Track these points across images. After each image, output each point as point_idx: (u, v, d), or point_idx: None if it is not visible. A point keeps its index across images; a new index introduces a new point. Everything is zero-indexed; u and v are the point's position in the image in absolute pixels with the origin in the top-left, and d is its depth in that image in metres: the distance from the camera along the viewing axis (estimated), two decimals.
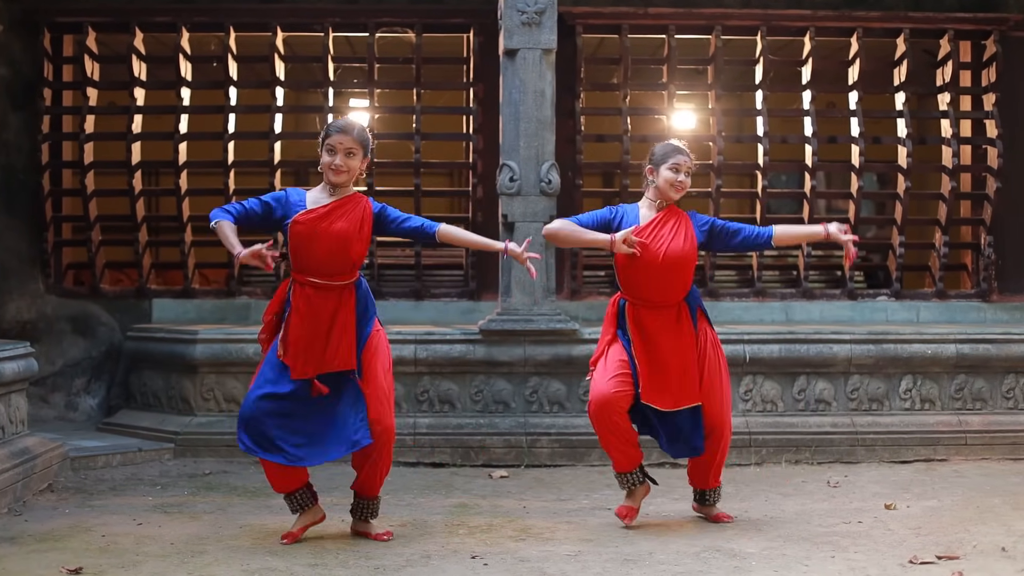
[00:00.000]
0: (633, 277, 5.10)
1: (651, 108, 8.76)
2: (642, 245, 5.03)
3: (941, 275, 8.57)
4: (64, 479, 6.21)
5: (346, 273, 4.84)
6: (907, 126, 8.47)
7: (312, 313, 4.78)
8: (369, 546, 4.81)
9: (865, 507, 5.64)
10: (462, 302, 8.35)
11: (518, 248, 5.01)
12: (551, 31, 7.05)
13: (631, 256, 5.03)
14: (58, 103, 8.45)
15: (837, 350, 7.14)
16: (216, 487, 6.12)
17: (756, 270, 8.50)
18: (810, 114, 8.51)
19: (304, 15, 8.41)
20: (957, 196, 8.62)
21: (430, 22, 8.40)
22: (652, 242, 5.06)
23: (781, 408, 7.13)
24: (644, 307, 5.11)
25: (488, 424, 6.97)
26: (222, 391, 7.07)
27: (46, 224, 8.30)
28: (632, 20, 8.38)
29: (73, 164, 8.40)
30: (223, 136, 8.36)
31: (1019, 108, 8.56)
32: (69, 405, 8.15)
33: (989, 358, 7.22)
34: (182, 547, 4.73)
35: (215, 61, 8.54)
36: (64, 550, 4.67)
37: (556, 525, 5.22)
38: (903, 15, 8.52)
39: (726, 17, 8.46)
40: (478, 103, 8.37)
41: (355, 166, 4.86)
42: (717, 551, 4.72)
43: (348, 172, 4.84)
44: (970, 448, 7.08)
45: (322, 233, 4.77)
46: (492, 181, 7.44)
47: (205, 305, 8.32)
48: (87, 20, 8.28)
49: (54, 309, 8.28)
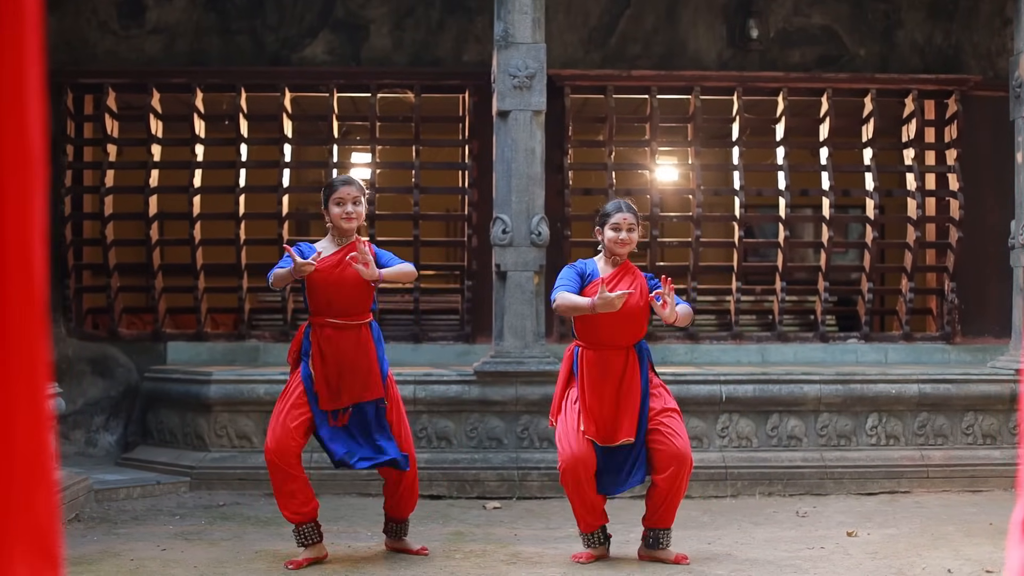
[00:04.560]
0: (592, 322, 5.26)
1: (635, 163, 9.24)
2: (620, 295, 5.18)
3: (907, 319, 9.03)
4: (90, 510, 6.65)
5: (363, 312, 5.38)
6: (875, 179, 8.98)
7: (334, 352, 5.29)
8: (374, 568, 5.28)
9: (829, 535, 6.07)
10: (458, 345, 8.76)
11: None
12: (540, 93, 7.43)
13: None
14: (80, 158, 8.89)
15: (808, 390, 7.58)
16: (231, 517, 6.58)
17: (734, 315, 8.98)
18: (784, 168, 8.98)
19: (310, 76, 8.85)
20: (922, 245, 9.10)
21: (428, 83, 8.84)
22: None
23: (755, 444, 7.55)
24: (597, 349, 5.31)
25: (482, 459, 7.38)
26: (234, 428, 7.51)
27: (68, 271, 8.71)
28: (617, 82, 8.82)
29: (94, 215, 8.81)
30: (234, 189, 8.78)
31: (979, 162, 9.04)
32: (89, 442, 8.58)
33: (950, 397, 7.67)
34: (205, 569, 5.20)
35: (227, 119, 8.95)
36: (98, 572, 5.14)
37: (545, 551, 5.66)
38: (870, 76, 9.00)
39: (704, 79, 8.90)
40: (473, 159, 8.78)
41: (362, 212, 5.41)
42: (689, 573, 5.20)
43: (358, 218, 5.38)
44: (931, 481, 7.51)
45: (339, 277, 5.29)
46: (486, 232, 7.81)
47: (217, 348, 8.75)
48: (107, 81, 8.72)
49: (75, 351, 8.70)
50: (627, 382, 5.31)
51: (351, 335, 5.33)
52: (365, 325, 5.38)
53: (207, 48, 8.91)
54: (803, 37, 9.18)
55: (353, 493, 7.15)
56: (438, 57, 8.99)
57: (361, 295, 5.34)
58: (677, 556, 5.39)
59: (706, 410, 7.49)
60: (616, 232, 5.38)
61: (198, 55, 8.90)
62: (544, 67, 7.48)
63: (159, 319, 8.82)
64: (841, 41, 9.20)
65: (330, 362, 5.28)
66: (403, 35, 8.98)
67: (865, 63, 9.17)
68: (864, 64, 9.17)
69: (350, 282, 5.28)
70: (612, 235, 5.38)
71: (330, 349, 5.29)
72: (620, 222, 5.38)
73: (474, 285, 8.78)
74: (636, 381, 5.32)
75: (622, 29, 9.06)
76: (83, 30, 8.86)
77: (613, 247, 5.39)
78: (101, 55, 8.87)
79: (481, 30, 8.82)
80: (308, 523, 5.34)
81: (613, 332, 5.31)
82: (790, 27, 9.16)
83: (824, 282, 9.01)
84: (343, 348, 5.30)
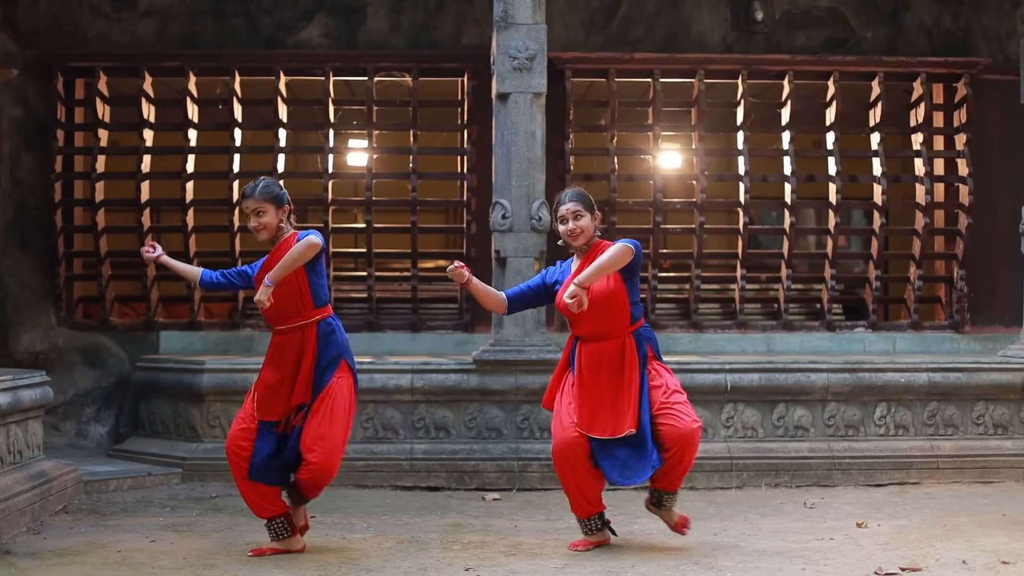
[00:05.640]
0: (572, 317, 5.21)
1: (637, 148, 9.09)
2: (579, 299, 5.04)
3: (916, 307, 8.90)
4: (78, 501, 6.49)
5: (301, 313, 5.18)
6: (882, 165, 8.83)
7: (281, 357, 5.17)
8: (370, 559, 5.11)
9: (838, 526, 5.92)
10: (457, 334, 8.63)
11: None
12: (541, 76, 7.30)
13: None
14: (70, 144, 8.75)
15: (815, 379, 7.42)
16: (223, 509, 6.41)
17: (738, 303, 8.83)
18: (789, 153, 8.83)
19: (306, 60, 8.72)
20: (931, 232, 8.96)
21: (426, 66, 8.71)
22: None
23: (761, 434, 7.40)
24: (589, 342, 5.23)
25: (481, 450, 7.24)
26: (227, 418, 7.31)
27: (58, 259, 8.59)
28: (619, 65, 8.70)
29: (84, 202, 8.69)
30: (228, 175, 8.64)
31: (989, 147, 8.90)
32: (80, 433, 8.44)
33: (960, 386, 7.51)
34: (194, 561, 5.04)
35: (220, 104, 8.82)
36: (84, 564, 4.98)
37: (545, 542, 5.51)
38: (878, 59, 8.88)
39: (709, 62, 8.78)
40: (472, 144, 8.66)
41: (266, 222, 5.21)
42: (696, 564, 5.03)
43: (266, 228, 5.21)
44: (942, 472, 7.36)
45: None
46: (486, 218, 7.67)
47: (210, 337, 8.61)
48: (98, 65, 8.58)
49: (65, 341, 8.57)
50: (627, 373, 5.18)
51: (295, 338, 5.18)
52: (310, 326, 5.20)
53: (200, 31, 8.76)
54: (809, 19, 9.02)
55: (349, 485, 6.98)
56: (436, 40, 8.83)
57: (293, 291, 5.16)
58: (679, 520, 5.36)
59: (711, 399, 7.32)
60: (563, 224, 5.27)
61: (191, 38, 8.74)
62: (545, 48, 7.35)
63: (151, 308, 8.68)
64: (848, 24, 9.04)
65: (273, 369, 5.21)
66: (401, 17, 8.82)
67: (872, 46, 9.03)
68: (871, 47, 9.03)
69: (276, 291, 5.09)
70: (561, 228, 5.28)
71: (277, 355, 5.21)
72: (564, 213, 5.26)
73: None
74: (635, 371, 5.19)
75: (624, 11, 8.91)
76: (74, 13, 8.71)
77: (567, 239, 5.28)
78: (92, 38, 8.72)
79: (480, 12, 8.66)
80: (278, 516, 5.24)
81: (592, 323, 5.20)
82: (796, 9, 9.01)
83: (831, 269, 8.85)
84: (287, 354, 5.18)
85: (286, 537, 5.22)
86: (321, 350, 5.17)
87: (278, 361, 5.19)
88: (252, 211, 5.21)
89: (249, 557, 5.13)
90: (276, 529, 5.23)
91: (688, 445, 5.15)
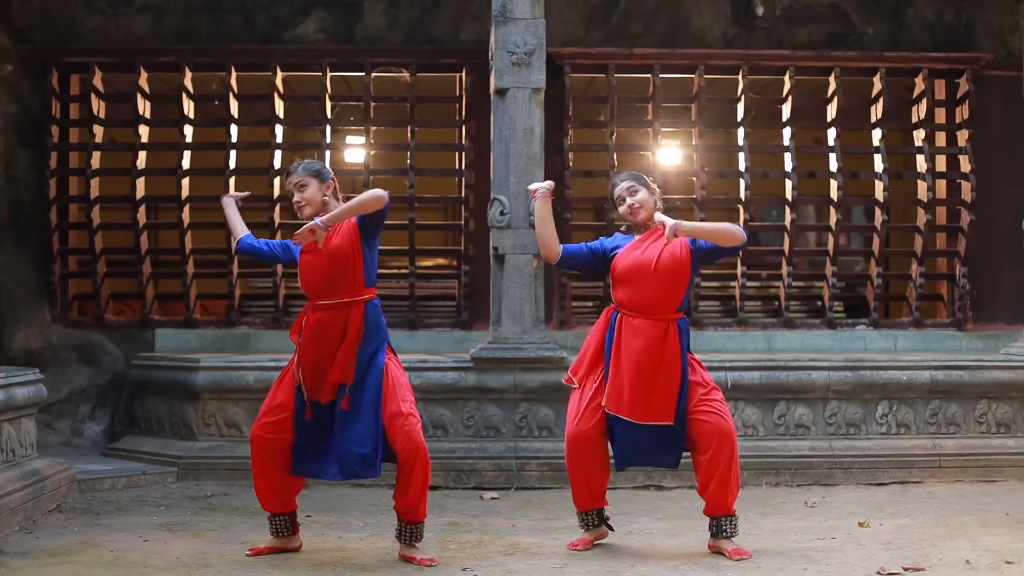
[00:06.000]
0: (627, 284, 5.15)
1: (637, 144, 9.02)
2: (631, 256, 5.13)
3: (918, 305, 8.83)
4: (72, 500, 6.43)
5: (350, 290, 5.01)
6: (884, 161, 8.77)
7: (322, 334, 5.00)
8: (365, 560, 5.05)
9: (840, 525, 5.87)
10: (454, 332, 8.57)
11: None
12: (540, 71, 7.25)
13: (629, 265, 5.12)
14: (65, 140, 8.69)
15: (816, 377, 7.37)
16: (218, 508, 6.35)
17: (739, 300, 8.77)
18: (790, 150, 8.78)
19: (302, 55, 8.67)
20: (932, 229, 8.90)
21: (424, 62, 8.66)
22: (645, 252, 5.15)
23: (762, 432, 7.35)
24: (634, 317, 5.13)
25: (479, 448, 7.18)
26: (223, 417, 7.28)
27: (53, 256, 8.52)
28: (618, 60, 8.65)
29: (79, 199, 8.61)
30: (224, 172, 8.58)
31: (991, 144, 8.84)
32: (74, 431, 8.37)
33: (962, 384, 7.45)
34: (187, 561, 4.97)
35: (216, 100, 8.75)
36: (76, 563, 4.92)
37: (543, 541, 5.45)
38: (879, 55, 8.82)
39: (709, 57, 8.73)
40: (470, 140, 8.61)
41: (311, 196, 5.08)
42: (696, 564, 4.98)
43: (310, 204, 5.09)
44: (944, 471, 7.30)
45: (321, 253, 4.99)
46: (484, 215, 7.61)
47: (206, 335, 8.55)
48: (94, 60, 8.53)
49: (60, 339, 8.51)
50: (668, 359, 5.09)
51: (340, 315, 5.02)
52: (356, 304, 5.05)
53: (196, 26, 8.69)
54: (810, 15, 8.96)
55: (346, 483, 6.90)
56: (434, 35, 8.77)
57: (345, 268, 5.01)
58: (732, 551, 5.12)
59: None
60: (622, 204, 5.31)
61: (187, 33, 8.68)
62: (543, 43, 7.30)
63: (147, 305, 8.62)
64: (849, 19, 8.98)
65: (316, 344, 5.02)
66: (398, 13, 8.76)
67: (874, 41, 8.97)
68: (873, 42, 8.97)
69: (333, 255, 4.99)
70: (622, 208, 5.31)
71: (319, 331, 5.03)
72: (620, 193, 5.31)
73: (471, 270, 8.57)
74: (676, 359, 5.11)
75: (624, 6, 8.85)
76: (69, 8, 8.65)
77: (628, 217, 5.31)
78: (87, 34, 8.65)
79: (478, 7, 8.59)
80: (284, 513, 5.16)
81: (647, 295, 5.11)
82: (797, 4, 8.95)
83: (832, 267, 8.78)
84: (330, 331, 5.01)
85: (286, 535, 5.15)
86: (369, 334, 5.00)
87: (318, 337, 4.99)
88: (295, 186, 5.11)
89: (247, 556, 5.06)
90: (278, 525, 5.15)
91: (725, 441, 5.05)
